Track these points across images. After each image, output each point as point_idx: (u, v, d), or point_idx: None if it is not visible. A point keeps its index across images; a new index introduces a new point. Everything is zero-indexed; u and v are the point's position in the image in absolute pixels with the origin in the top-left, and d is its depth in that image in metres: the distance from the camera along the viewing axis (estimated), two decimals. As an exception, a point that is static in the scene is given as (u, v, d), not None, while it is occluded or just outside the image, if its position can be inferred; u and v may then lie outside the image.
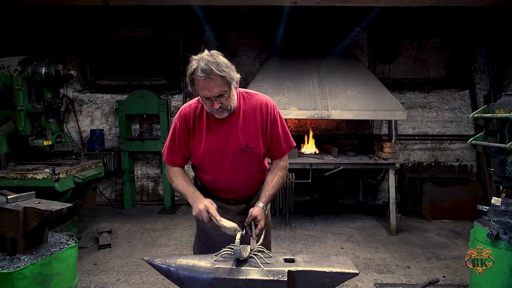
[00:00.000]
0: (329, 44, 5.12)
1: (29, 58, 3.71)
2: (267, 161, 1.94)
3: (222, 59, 1.58)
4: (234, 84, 1.63)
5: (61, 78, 3.75)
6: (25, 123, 3.63)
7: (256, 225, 1.70)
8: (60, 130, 3.97)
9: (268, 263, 1.47)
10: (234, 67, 1.63)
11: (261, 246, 1.60)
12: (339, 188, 5.83)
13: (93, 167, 4.07)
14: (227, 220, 1.65)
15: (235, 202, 1.92)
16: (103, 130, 5.72)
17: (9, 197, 1.92)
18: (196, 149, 1.79)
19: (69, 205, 1.91)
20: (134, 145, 5.37)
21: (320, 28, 5.24)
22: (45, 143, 3.74)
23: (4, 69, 3.63)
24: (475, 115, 2.64)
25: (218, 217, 1.64)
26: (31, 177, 3.42)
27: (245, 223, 1.72)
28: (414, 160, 5.71)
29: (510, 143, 2.28)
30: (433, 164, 5.31)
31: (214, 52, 1.60)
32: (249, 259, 1.50)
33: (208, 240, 1.90)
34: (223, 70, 1.55)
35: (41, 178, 3.40)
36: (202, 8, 4.85)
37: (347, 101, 4.49)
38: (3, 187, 2.82)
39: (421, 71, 5.90)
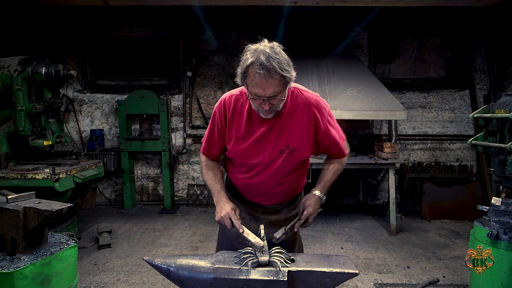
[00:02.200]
0: (329, 44, 5.12)
1: (29, 58, 3.71)
2: (308, 166, 1.80)
3: (284, 55, 1.40)
4: (290, 84, 1.46)
5: (61, 78, 3.75)
6: (25, 123, 3.63)
7: (302, 213, 1.61)
8: (60, 130, 3.97)
9: (288, 266, 1.42)
10: (292, 63, 1.43)
11: (279, 248, 1.52)
12: (339, 188, 5.83)
13: (93, 167, 4.07)
14: (254, 235, 1.53)
15: (265, 211, 1.78)
16: (103, 130, 5.72)
17: (9, 197, 1.91)
18: (232, 144, 1.64)
19: (69, 205, 1.91)
20: (134, 145, 5.37)
21: (320, 28, 5.24)
22: (45, 143, 3.74)
23: (4, 69, 3.63)
24: (475, 115, 2.64)
25: (242, 228, 1.54)
26: (31, 177, 3.42)
27: (293, 222, 1.63)
28: (414, 160, 5.72)
29: (510, 143, 2.28)
30: (433, 164, 5.31)
31: (275, 44, 1.42)
32: (270, 263, 1.45)
33: (228, 247, 1.74)
34: (285, 69, 1.37)
35: (41, 178, 3.40)
36: (202, 8, 4.85)
37: (347, 101, 4.48)
38: (3, 187, 2.83)
39: (421, 71, 5.89)
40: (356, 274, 1.43)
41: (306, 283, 1.42)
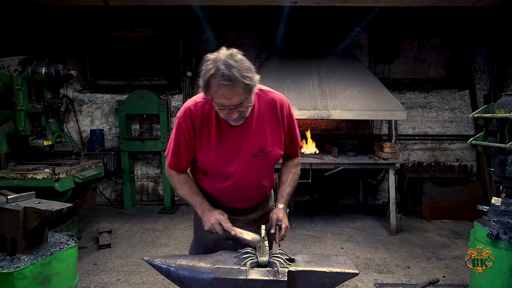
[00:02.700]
0: (329, 44, 5.12)
1: (29, 58, 3.71)
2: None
3: (244, 61, 1.37)
4: (255, 89, 1.43)
5: (61, 78, 3.75)
6: (25, 123, 3.63)
7: (280, 227, 1.61)
8: (60, 130, 3.97)
9: (288, 267, 1.43)
10: (253, 67, 1.41)
11: (281, 249, 1.53)
12: (339, 188, 5.83)
13: (93, 167, 4.07)
14: (248, 232, 1.56)
15: (242, 212, 1.77)
16: (103, 130, 5.73)
17: (9, 197, 1.91)
18: (203, 154, 1.60)
19: (69, 205, 1.91)
20: (134, 145, 5.37)
21: (320, 28, 5.24)
22: (45, 143, 3.74)
23: (4, 69, 3.63)
24: (475, 115, 2.64)
25: (234, 230, 1.54)
26: (31, 177, 3.42)
27: (270, 230, 1.62)
28: (414, 160, 5.72)
29: (510, 143, 2.28)
30: (433, 164, 5.31)
31: (234, 51, 1.37)
32: (269, 263, 1.45)
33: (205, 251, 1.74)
34: (247, 77, 1.34)
35: (41, 178, 3.41)
36: (202, 8, 4.85)
37: (347, 101, 4.49)
38: (3, 187, 2.83)
39: (421, 71, 5.90)
40: (356, 274, 1.43)
41: (306, 283, 1.42)
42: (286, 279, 1.37)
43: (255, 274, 1.39)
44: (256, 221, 1.78)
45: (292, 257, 1.52)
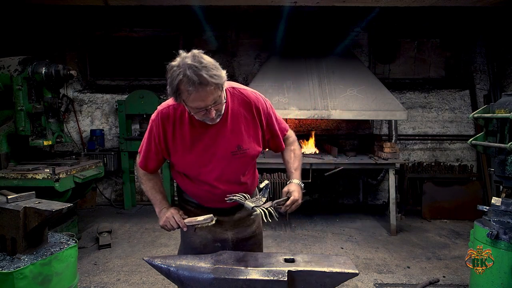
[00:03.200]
0: (329, 44, 5.12)
1: (29, 58, 3.71)
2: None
3: (207, 60, 1.35)
4: (224, 85, 1.42)
5: (61, 78, 3.75)
6: (25, 123, 3.63)
7: (288, 198, 1.59)
8: (60, 130, 3.97)
9: (277, 217, 1.50)
10: (218, 63, 1.39)
11: (271, 207, 1.53)
12: (339, 188, 5.83)
13: (93, 167, 4.07)
14: (199, 216, 1.59)
15: (228, 212, 1.75)
16: (103, 130, 5.73)
17: (9, 197, 1.91)
18: (179, 157, 1.58)
19: (69, 205, 1.91)
20: (134, 145, 5.37)
21: (320, 28, 5.24)
22: (45, 143, 3.74)
23: (4, 69, 3.63)
24: (475, 115, 2.64)
25: (185, 220, 1.59)
26: (31, 177, 3.42)
27: (281, 200, 1.60)
28: (414, 160, 5.72)
29: (510, 143, 2.28)
30: (433, 164, 5.31)
31: (195, 52, 1.35)
32: (252, 209, 1.50)
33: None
34: (215, 75, 1.32)
35: (41, 178, 3.40)
36: (202, 8, 4.85)
37: (347, 101, 4.49)
38: (3, 187, 2.83)
39: (421, 71, 5.90)
40: (356, 274, 1.43)
41: (306, 283, 1.42)
42: (286, 279, 1.37)
43: (255, 274, 1.39)
44: (242, 221, 1.78)
45: (292, 257, 1.52)
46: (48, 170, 3.42)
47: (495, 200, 2.40)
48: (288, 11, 4.80)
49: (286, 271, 1.40)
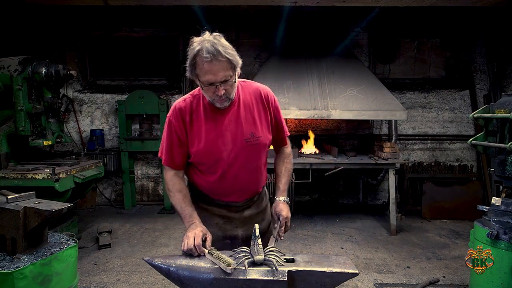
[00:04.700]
0: (329, 44, 5.12)
1: (29, 58, 3.71)
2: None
3: (226, 42, 1.47)
4: (238, 70, 1.52)
5: (61, 78, 3.75)
6: (25, 123, 3.63)
7: (279, 220, 1.69)
8: (60, 130, 3.97)
9: (283, 264, 1.42)
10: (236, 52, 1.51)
11: (274, 246, 1.54)
12: (339, 188, 5.83)
13: (93, 167, 4.07)
14: (224, 256, 1.48)
15: (238, 209, 1.77)
16: (103, 130, 5.72)
17: (9, 197, 1.91)
18: (195, 145, 1.63)
19: (69, 205, 1.91)
20: (134, 145, 5.37)
21: (320, 28, 5.24)
22: (45, 143, 3.74)
23: (4, 69, 3.63)
24: (475, 115, 2.64)
25: (207, 251, 1.51)
26: (31, 177, 3.42)
27: (274, 225, 1.72)
28: (414, 160, 5.72)
29: (510, 143, 2.28)
30: (433, 164, 5.31)
31: (216, 34, 1.47)
32: (265, 261, 1.44)
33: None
34: (229, 53, 1.44)
35: (41, 178, 3.41)
36: (202, 8, 4.85)
37: (347, 101, 4.49)
38: (3, 187, 2.83)
39: (421, 71, 5.90)
40: (356, 274, 1.43)
41: (306, 283, 1.42)
42: (286, 279, 1.37)
43: (255, 274, 1.39)
44: (251, 219, 1.79)
45: (292, 257, 1.52)
46: (48, 170, 3.42)
47: (495, 200, 2.40)
48: (288, 11, 4.80)
49: (286, 271, 1.39)
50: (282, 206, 1.74)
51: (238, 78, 1.58)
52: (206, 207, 1.78)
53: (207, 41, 1.41)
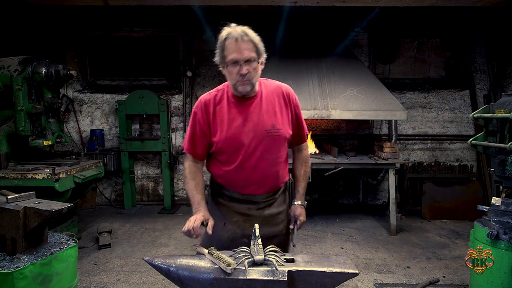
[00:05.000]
0: (329, 44, 5.12)
1: (29, 58, 3.71)
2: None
3: (255, 35, 1.61)
4: (262, 59, 1.63)
5: (61, 78, 3.75)
6: (25, 123, 3.63)
7: (296, 223, 1.85)
8: (60, 130, 3.97)
9: (283, 264, 1.43)
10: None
11: (274, 246, 1.54)
12: (339, 188, 5.83)
13: (93, 167, 4.07)
14: (226, 256, 1.47)
15: (258, 206, 1.79)
16: (103, 130, 5.72)
17: (9, 197, 1.92)
18: (218, 134, 1.70)
19: (69, 205, 1.91)
20: (134, 145, 5.37)
21: (320, 28, 5.24)
22: (45, 143, 3.74)
23: (4, 69, 3.63)
24: (475, 115, 2.64)
25: (210, 252, 1.49)
26: (31, 177, 3.42)
27: (290, 227, 1.88)
28: (414, 160, 5.72)
29: (510, 143, 2.28)
30: (433, 164, 5.31)
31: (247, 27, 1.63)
32: (265, 261, 1.44)
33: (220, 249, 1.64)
34: (256, 38, 1.58)
35: (41, 178, 3.41)
36: (202, 8, 4.85)
37: (347, 101, 4.49)
38: (3, 187, 2.83)
39: (421, 71, 5.90)
40: (356, 274, 1.43)
41: (306, 283, 1.42)
42: (286, 279, 1.37)
43: (255, 274, 1.39)
44: (271, 219, 1.81)
45: (292, 257, 1.52)
46: (48, 170, 3.42)
47: (495, 200, 2.40)
48: (288, 11, 4.79)
49: (286, 271, 1.39)
50: (301, 210, 1.88)
51: (261, 71, 1.67)
52: (226, 203, 1.81)
53: (237, 28, 1.57)
